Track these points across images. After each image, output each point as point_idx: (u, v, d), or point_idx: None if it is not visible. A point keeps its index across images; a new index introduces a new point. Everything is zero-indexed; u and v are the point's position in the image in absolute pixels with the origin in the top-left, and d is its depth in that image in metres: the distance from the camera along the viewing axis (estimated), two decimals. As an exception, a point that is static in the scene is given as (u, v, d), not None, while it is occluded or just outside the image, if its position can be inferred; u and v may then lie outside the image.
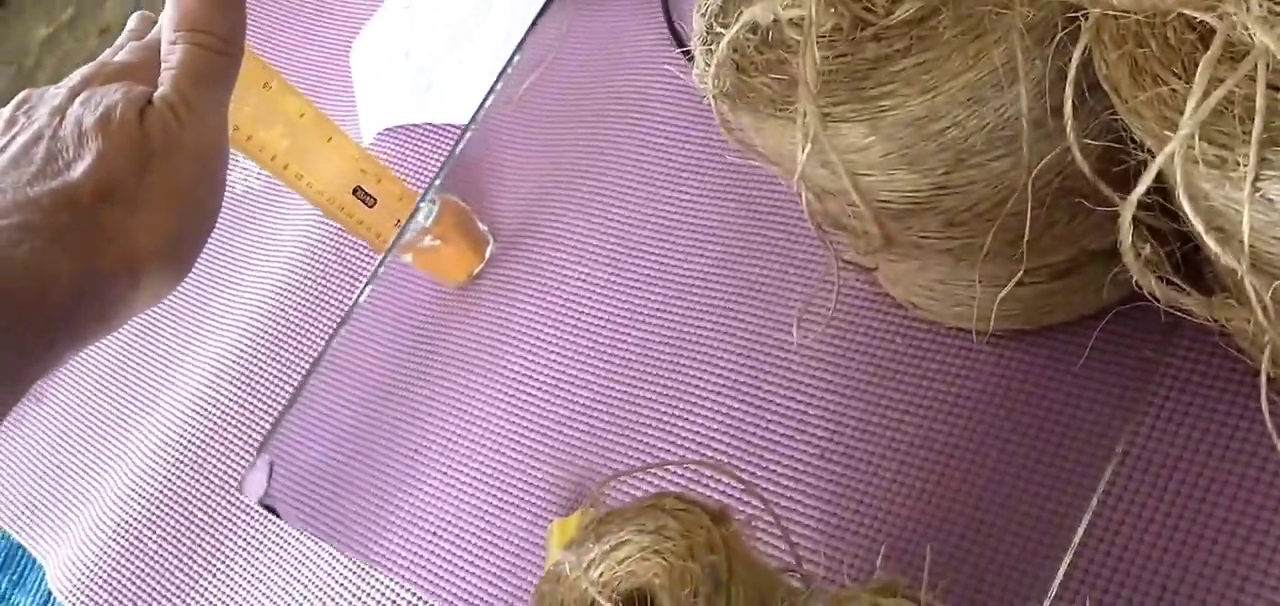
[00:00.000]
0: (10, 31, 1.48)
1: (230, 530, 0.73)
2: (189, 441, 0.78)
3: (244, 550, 0.72)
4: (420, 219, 0.70)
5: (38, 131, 0.42)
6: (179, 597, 0.72)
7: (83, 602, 0.75)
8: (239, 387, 0.78)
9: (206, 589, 0.72)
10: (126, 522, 0.76)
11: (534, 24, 0.72)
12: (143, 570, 0.74)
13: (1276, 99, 0.32)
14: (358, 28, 0.92)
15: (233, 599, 0.70)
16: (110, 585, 0.74)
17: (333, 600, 0.66)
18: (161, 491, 0.77)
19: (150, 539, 0.75)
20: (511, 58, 0.71)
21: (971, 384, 0.51)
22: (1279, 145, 0.32)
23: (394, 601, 0.64)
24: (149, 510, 0.76)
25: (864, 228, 0.44)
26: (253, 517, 0.73)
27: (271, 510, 0.64)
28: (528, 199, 0.75)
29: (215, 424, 0.77)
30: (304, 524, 0.68)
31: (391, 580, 0.64)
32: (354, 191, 0.68)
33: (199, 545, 0.73)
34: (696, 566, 0.40)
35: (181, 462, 0.77)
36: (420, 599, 0.63)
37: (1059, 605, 0.45)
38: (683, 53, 0.72)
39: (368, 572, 0.65)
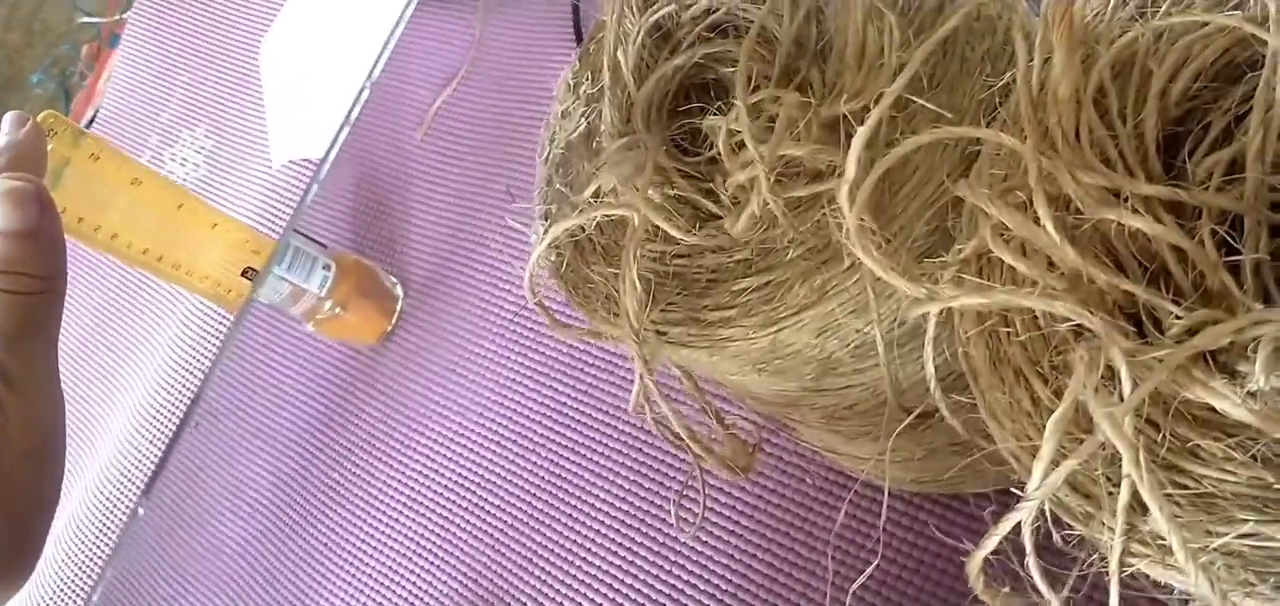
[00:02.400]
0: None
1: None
2: (112, 501, 0.74)
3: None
4: (314, 286, 0.64)
5: None
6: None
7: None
8: (156, 445, 0.74)
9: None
10: (58, 578, 0.74)
11: (388, 39, 0.65)
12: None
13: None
14: (273, 12, 0.84)
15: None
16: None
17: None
18: (93, 545, 0.74)
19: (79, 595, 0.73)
20: (365, 83, 0.64)
21: (884, 551, 0.45)
22: (1149, 513, 0.25)
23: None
24: (73, 570, 0.74)
25: (713, 460, 0.38)
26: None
27: None
28: (440, 243, 0.68)
29: (135, 491, 0.74)
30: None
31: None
32: (244, 273, 0.62)
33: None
34: None
35: (107, 526, 0.74)
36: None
37: None
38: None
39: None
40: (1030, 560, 0.27)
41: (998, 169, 0.30)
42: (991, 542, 0.27)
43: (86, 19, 1.04)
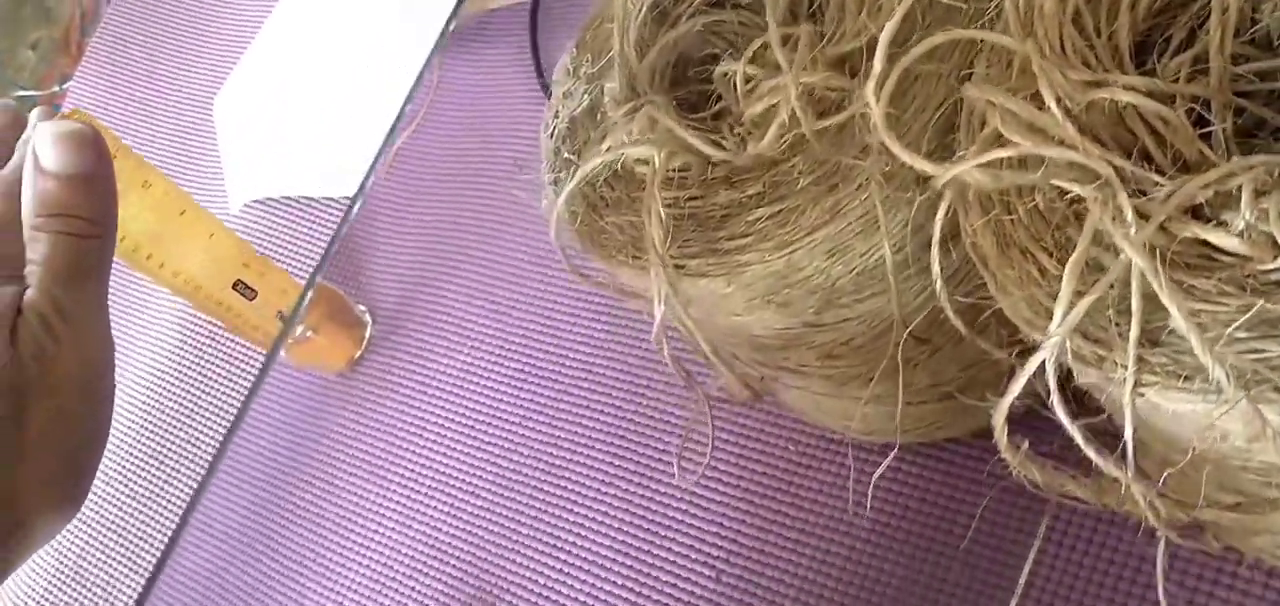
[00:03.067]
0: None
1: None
2: (69, 553, 0.73)
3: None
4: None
5: None
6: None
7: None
8: (121, 492, 0.73)
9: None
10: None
11: (419, 78, 0.67)
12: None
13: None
14: (225, 75, 0.86)
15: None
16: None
17: None
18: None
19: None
20: (395, 124, 0.66)
21: (871, 503, 0.48)
22: (1160, 344, 0.29)
23: None
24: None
25: (729, 380, 0.40)
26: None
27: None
28: (406, 273, 0.70)
29: (94, 534, 0.73)
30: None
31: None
32: (234, 285, 0.63)
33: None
34: None
35: (63, 576, 0.73)
36: None
37: None
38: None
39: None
40: (1054, 399, 0.30)
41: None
42: (1017, 388, 0.31)
43: (22, 93, 1.04)
